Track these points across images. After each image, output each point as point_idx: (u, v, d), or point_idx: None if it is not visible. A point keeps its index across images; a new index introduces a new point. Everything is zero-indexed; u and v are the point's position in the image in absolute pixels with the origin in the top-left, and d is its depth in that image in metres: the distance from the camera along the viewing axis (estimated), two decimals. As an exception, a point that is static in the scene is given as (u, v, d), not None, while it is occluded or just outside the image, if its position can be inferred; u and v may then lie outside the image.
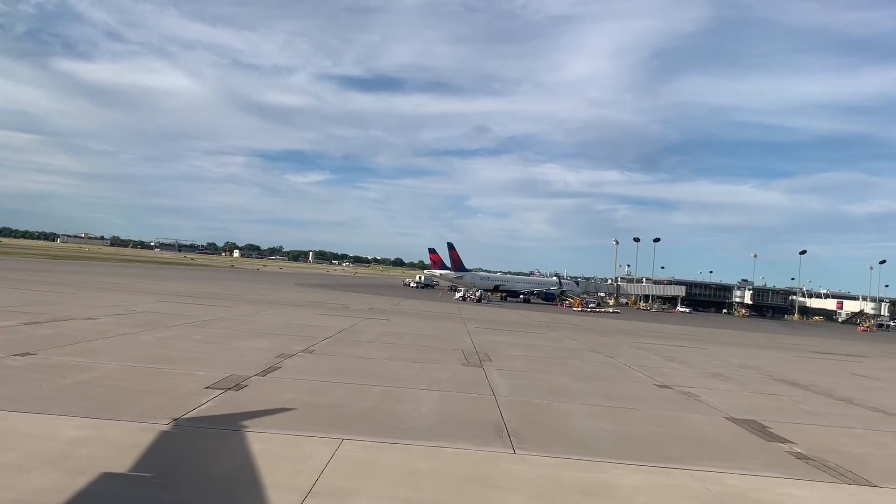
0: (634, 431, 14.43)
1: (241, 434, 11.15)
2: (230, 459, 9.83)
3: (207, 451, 10.19)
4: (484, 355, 25.59)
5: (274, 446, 10.66)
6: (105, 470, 8.83)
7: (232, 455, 10.04)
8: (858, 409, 20.60)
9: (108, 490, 8.29)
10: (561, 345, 34.25)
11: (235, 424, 11.75)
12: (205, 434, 11.13)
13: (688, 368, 28.00)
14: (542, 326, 48.07)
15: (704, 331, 65.95)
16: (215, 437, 11.00)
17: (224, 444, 10.59)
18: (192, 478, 8.97)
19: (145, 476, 8.82)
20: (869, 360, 43.54)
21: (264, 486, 8.71)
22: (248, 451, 10.22)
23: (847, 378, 30.41)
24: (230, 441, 10.78)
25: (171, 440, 10.56)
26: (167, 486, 8.53)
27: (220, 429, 11.48)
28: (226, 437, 10.99)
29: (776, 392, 22.83)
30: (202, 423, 11.68)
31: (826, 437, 15.70)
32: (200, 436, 11.02)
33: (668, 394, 20.28)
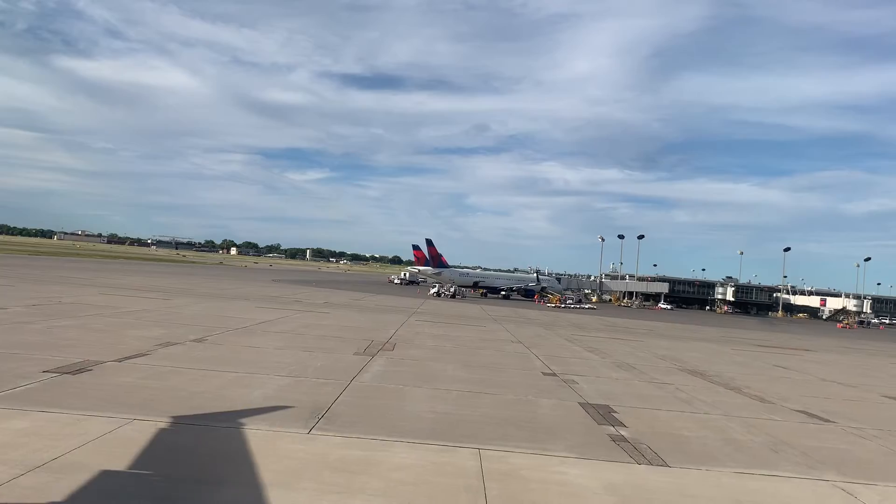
0: (463, 414, 14.55)
1: (22, 412, 11.32)
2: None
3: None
4: (391, 346, 25.74)
5: (48, 424, 10.80)
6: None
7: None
8: (739, 398, 20.70)
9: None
10: (488, 336, 34.36)
11: (30, 403, 11.93)
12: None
13: (600, 359, 28.12)
14: (492, 320, 48.18)
15: (664, 325, 66.05)
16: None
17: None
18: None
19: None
20: (809, 354, 43.64)
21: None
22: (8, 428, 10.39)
23: (763, 370, 30.48)
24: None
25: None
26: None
27: (4, 408, 11.59)
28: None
29: (668, 381, 22.92)
30: None
31: (668, 422, 15.81)
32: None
33: (546, 381, 20.40)
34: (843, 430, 16.78)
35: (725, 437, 14.65)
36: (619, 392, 19.57)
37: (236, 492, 8.66)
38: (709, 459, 12.53)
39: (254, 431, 11.54)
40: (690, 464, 12.06)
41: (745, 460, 12.72)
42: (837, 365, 37.18)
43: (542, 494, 9.70)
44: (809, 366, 34.75)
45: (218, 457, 10.06)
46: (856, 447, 14.89)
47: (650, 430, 14.65)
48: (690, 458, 12.44)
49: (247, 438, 11.04)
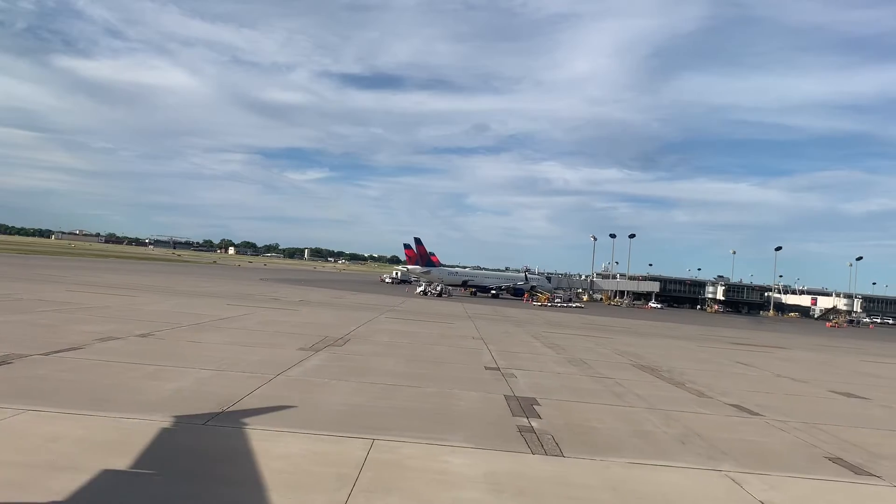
0: (376, 406, 14.55)
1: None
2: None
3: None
4: (343, 341, 25.79)
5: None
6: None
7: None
8: (678, 392, 20.72)
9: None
10: (451, 332, 34.41)
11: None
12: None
13: (555, 354, 28.17)
14: (466, 318, 48.22)
15: (645, 324, 66.16)
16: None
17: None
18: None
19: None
20: (781, 352, 43.68)
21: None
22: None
23: (722, 366, 30.53)
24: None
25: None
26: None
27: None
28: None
29: (613, 376, 22.91)
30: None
31: (586, 414, 15.83)
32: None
33: (485, 375, 20.42)
34: (767, 422, 16.81)
35: (637, 430, 14.68)
36: (553, 386, 19.61)
37: (90, 477, 8.68)
38: (608, 450, 12.56)
39: (150, 422, 11.60)
40: (586, 454, 12.08)
41: (646, 451, 12.76)
42: (803, 362, 37.20)
43: (414, 481, 9.73)
44: (773, 362, 34.79)
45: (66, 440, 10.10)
46: (769, 439, 14.92)
47: (564, 421, 14.70)
48: (589, 449, 12.46)
49: (93, 427, 11.09)
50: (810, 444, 14.65)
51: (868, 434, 16.54)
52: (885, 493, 11.49)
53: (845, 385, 26.69)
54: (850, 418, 18.73)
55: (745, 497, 10.48)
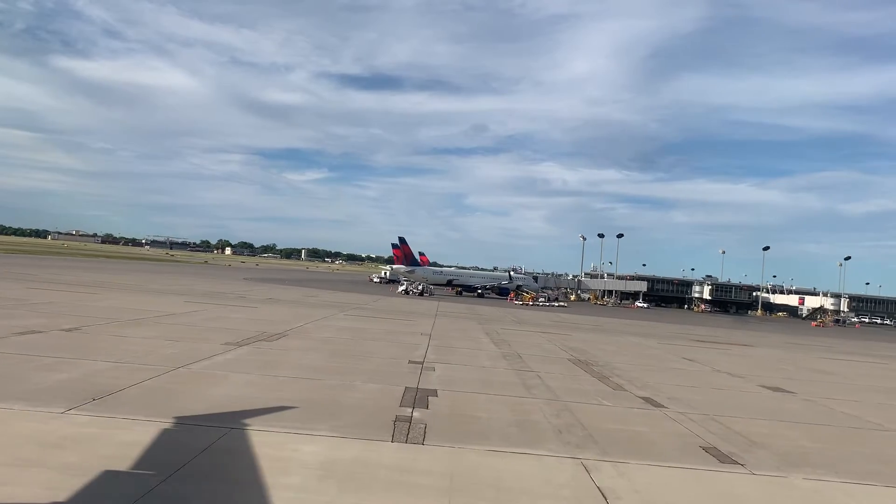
0: (259, 396, 14.58)
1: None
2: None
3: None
4: (278, 337, 25.87)
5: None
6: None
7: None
8: (595, 386, 20.68)
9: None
10: (401, 329, 34.40)
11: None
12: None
13: (495, 350, 28.27)
14: (431, 315, 48.24)
15: (619, 322, 66.26)
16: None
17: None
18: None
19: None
20: (742, 349, 43.75)
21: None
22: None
23: (665, 362, 30.59)
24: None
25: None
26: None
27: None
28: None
29: (538, 370, 22.94)
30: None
31: (478, 405, 15.85)
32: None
33: (404, 368, 20.45)
34: (665, 414, 16.87)
35: (522, 420, 14.74)
36: (466, 378, 19.68)
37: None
38: (475, 439, 12.61)
39: (5, 410, 11.68)
40: (449, 443, 12.12)
41: (514, 440, 12.82)
42: (756, 358, 37.21)
43: (244, 468, 9.78)
44: (723, 359, 34.85)
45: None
46: (655, 430, 14.96)
47: (449, 412, 14.77)
48: (456, 438, 12.51)
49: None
50: (694, 435, 14.71)
51: (763, 425, 16.60)
52: (734, 478, 11.56)
53: (783, 380, 26.74)
54: (758, 411, 18.79)
55: (586, 483, 10.56)
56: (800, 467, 12.70)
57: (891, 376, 34.22)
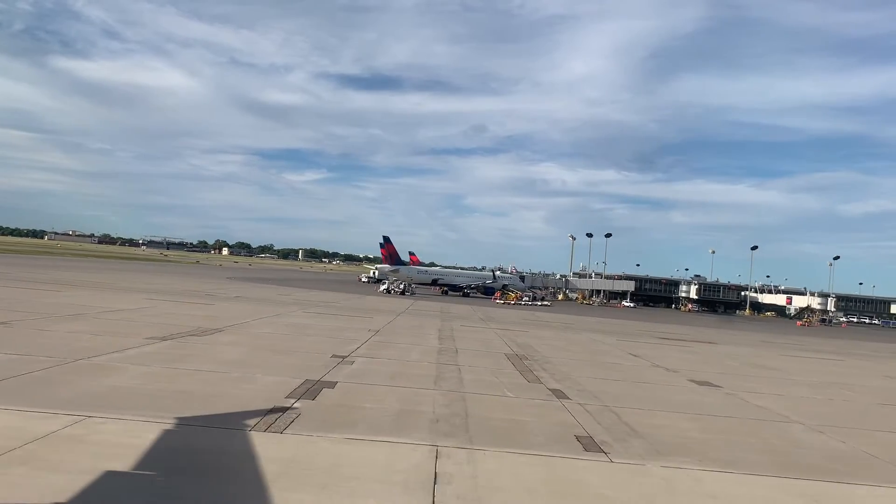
0: (143, 388, 14.67)
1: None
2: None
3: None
4: (213, 332, 25.95)
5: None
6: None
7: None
8: (513, 379, 20.71)
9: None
10: (349, 325, 34.42)
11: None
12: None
13: (438, 344, 28.36)
14: (394, 313, 48.30)
15: (590, 320, 66.39)
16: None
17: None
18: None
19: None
20: (698, 346, 43.83)
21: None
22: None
23: (609, 357, 30.68)
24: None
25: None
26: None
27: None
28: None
29: (467, 364, 22.96)
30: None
31: (371, 397, 15.86)
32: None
33: (319, 362, 20.40)
34: (562, 405, 16.92)
35: (406, 409, 14.78)
36: (380, 371, 19.74)
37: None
38: (342, 428, 12.57)
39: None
40: (313, 431, 12.18)
41: (384, 429, 12.85)
42: (707, 355, 37.27)
43: (65, 452, 9.85)
44: (673, 354, 34.97)
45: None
46: (539, 420, 15.01)
47: (334, 403, 14.83)
48: (322, 428, 12.49)
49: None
50: (577, 425, 14.77)
51: (661, 417, 16.68)
52: (588, 465, 11.63)
53: (718, 375, 26.80)
54: (666, 404, 18.82)
55: (427, 469, 10.59)
56: (667, 456, 12.76)
57: (837, 371, 34.25)
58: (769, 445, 14.57)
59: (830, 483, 11.93)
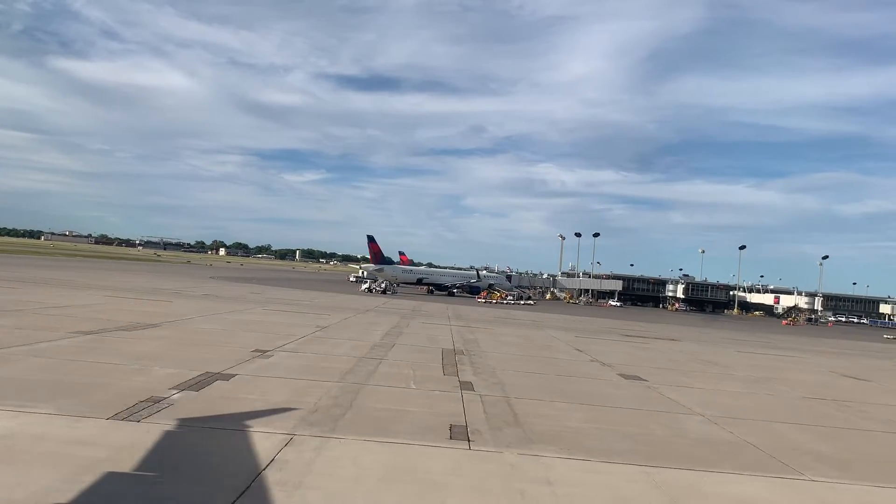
0: (29, 378, 14.79)
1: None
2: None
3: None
4: (151, 327, 26.08)
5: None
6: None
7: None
8: (429, 372, 20.86)
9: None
10: (296, 321, 34.45)
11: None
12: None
13: (379, 340, 28.36)
14: (356, 311, 48.34)
15: (562, 318, 66.42)
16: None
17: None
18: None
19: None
20: (656, 343, 43.88)
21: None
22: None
23: (550, 352, 30.74)
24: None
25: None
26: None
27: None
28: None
29: (392, 358, 23.09)
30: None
31: (260, 390, 15.98)
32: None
33: (234, 357, 20.36)
34: (459, 397, 17.00)
35: (288, 401, 14.79)
36: (292, 366, 19.79)
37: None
38: (207, 418, 12.71)
39: None
40: (168, 420, 12.27)
41: (251, 419, 12.94)
42: (657, 351, 37.29)
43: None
44: (621, 350, 35.17)
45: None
46: (424, 409, 15.11)
47: (218, 395, 14.91)
48: (184, 416, 12.59)
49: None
50: (460, 415, 14.88)
51: (554, 408, 16.80)
52: (440, 452, 11.78)
53: (652, 370, 26.87)
54: (573, 396, 18.89)
55: (267, 455, 10.69)
56: (532, 444, 12.86)
57: (784, 367, 34.26)
58: (647, 436, 14.65)
59: (684, 470, 12.03)
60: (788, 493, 11.27)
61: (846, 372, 34.01)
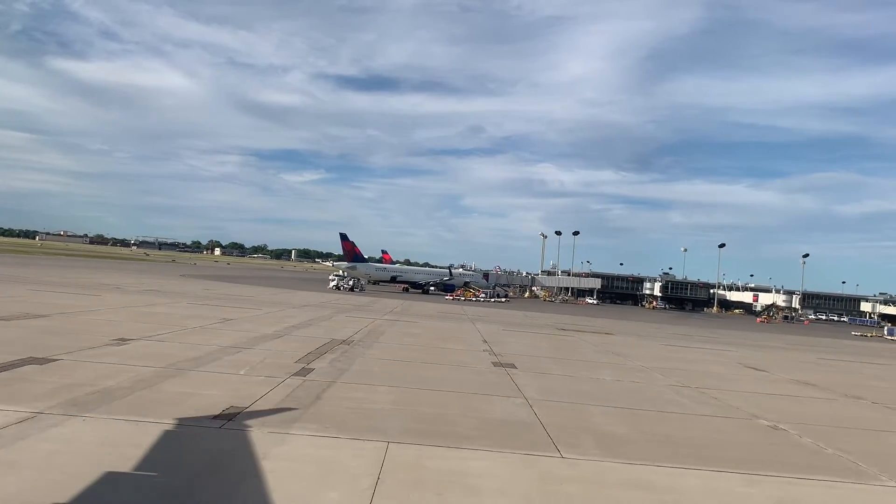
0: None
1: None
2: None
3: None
4: (37, 316, 26.23)
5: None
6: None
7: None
8: (284, 359, 20.98)
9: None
10: (205, 314, 34.59)
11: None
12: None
13: (270, 331, 28.51)
14: (290, 306, 48.52)
15: (518, 314, 66.59)
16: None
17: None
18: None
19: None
20: (589, 336, 43.97)
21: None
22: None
23: (450, 343, 30.86)
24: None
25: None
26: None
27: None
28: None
29: (256, 346, 23.15)
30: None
31: (87, 370, 16.18)
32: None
33: (88, 343, 20.56)
34: (276, 382, 17.07)
35: (85, 383, 14.95)
36: (134, 353, 19.75)
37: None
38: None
39: None
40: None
41: (21, 398, 13.11)
42: (564, 343, 37.39)
43: None
44: (534, 341, 35.35)
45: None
46: (224, 392, 15.15)
47: (19, 377, 15.04)
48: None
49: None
50: (253, 398, 14.94)
51: (368, 391, 16.88)
52: (221, 434, 11.89)
53: (538, 360, 27.08)
54: (409, 380, 19.00)
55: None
56: (300, 423, 12.92)
57: (689, 359, 33.99)
58: (439, 417, 14.72)
59: (433, 447, 12.08)
60: (513, 468, 11.32)
61: (753, 364, 34.03)
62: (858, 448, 15.18)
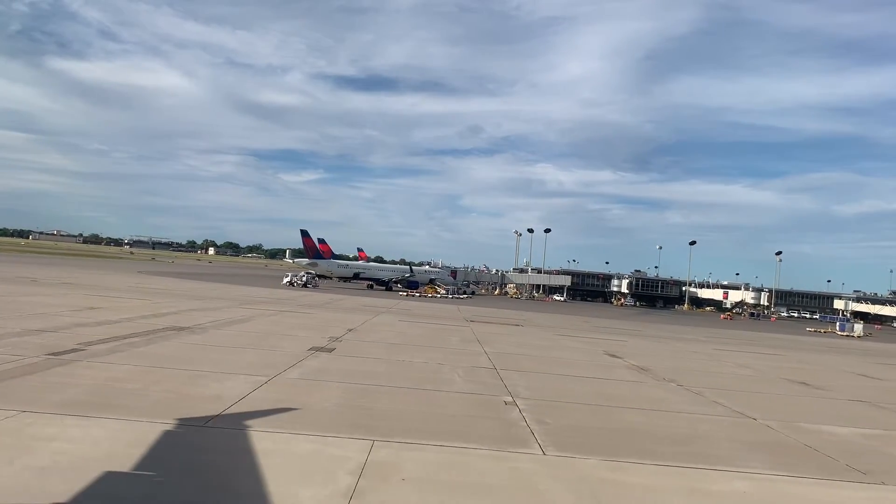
0: None
1: None
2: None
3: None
4: None
5: None
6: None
7: None
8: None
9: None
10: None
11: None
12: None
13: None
14: (236, 302, 49.50)
15: (461, 308, 67.76)
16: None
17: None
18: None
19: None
20: (510, 328, 45.24)
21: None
22: None
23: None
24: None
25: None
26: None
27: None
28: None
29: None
30: None
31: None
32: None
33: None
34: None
35: None
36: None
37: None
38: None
39: None
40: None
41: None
42: (479, 334, 38.72)
43: None
44: (417, 331, 36.51)
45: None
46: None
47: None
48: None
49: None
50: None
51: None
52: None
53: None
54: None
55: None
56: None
57: (558, 346, 34.88)
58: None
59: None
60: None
61: (616, 352, 34.17)
62: (559, 422, 15.61)
